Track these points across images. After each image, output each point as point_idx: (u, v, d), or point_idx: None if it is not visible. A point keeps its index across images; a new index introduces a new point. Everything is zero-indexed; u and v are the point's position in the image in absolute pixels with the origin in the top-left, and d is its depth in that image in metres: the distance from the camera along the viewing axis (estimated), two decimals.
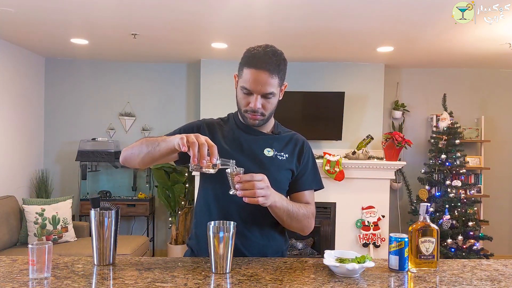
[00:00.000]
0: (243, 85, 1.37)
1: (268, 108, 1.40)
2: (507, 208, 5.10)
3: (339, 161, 4.39)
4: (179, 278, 1.15)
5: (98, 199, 1.29)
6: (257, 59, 1.34)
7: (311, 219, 1.46)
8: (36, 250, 1.13)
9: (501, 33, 3.55)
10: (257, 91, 1.35)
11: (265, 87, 1.34)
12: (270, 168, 1.41)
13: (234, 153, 1.41)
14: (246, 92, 1.37)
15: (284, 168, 1.45)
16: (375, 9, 3.07)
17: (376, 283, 1.15)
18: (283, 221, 1.39)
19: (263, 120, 1.44)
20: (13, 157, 4.36)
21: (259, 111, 1.39)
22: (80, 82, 5.01)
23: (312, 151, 1.55)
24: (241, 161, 1.39)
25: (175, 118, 5.04)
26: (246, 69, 1.36)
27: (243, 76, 1.37)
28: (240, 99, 1.42)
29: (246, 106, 1.39)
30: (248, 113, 1.40)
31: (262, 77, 1.33)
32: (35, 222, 3.78)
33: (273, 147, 1.46)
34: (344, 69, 4.82)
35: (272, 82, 1.35)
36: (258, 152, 1.44)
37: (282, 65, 1.38)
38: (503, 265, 1.34)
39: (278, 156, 1.45)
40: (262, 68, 1.33)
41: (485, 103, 5.08)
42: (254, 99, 1.36)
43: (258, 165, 1.41)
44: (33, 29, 3.75)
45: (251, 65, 1.34)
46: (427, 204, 1.30)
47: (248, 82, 1.35)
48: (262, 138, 1.47)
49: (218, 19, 3.36)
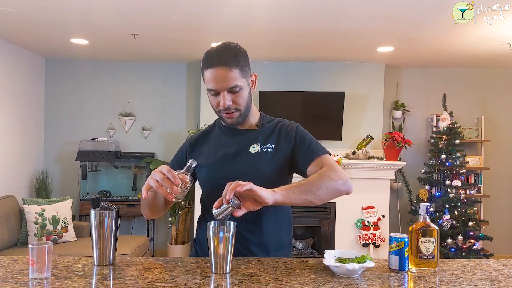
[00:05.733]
0: (208, 87, 1.37)
1: (240, 102, 1.39)
2: (507, 208, 5.10)
3: (339, 161, 4.38)
4: (179, 278, 1.15)
5: (98, 199, 1.29)
6: (211, 58, 1.35)
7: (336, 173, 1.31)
8: (36, 250, 1.13)
9: (501, 33, 3.55)
10: (221, 88, 1.35)
11: (227, 82, 1.34)
12: (258, 164, 1.40)
13: (221, 159, 1.43)
14: (213, 93, 1.37)
15: (273, 160, 1.41)
16: (375, 9, 3.07)
17: (376, 283, 1.15)
18: (308, 202, 1.26)
19: (241, 116, 1.42)
20: (13, 157, 4.36)
21: (231, 108, 1.37)
22: (80, 82, 5.01)
23: (301, 127, 1.49)
24: (227, 163, 1.41)
25: (175, 118, 5.05)
26: (205, 71, 1.36)
27: (205, 79, 1.37)
28: (211, 102, 1.41)
29: (218, 106, 1.39)
30: (223, 113, 1.40)
31: (220, 74, 1.33)
32: (35, 222, 3.78)
33: (258, 141, 1.44)
34: (344, 69, 4.82)
35: (232, 75, 1.34)
36: (244, 151, 1.43)
37: (239, 56, 1.36)
38: (503, 265, 1.34)
39: (263, 149, 1.42)
40: (217, 64, 1.33)
41: (485, 103, 5.08)
42: (222, 98, 1.36)
43: (246, 164, 1.40)
44: (33, 29, 3.75)
45: (208, 65, 1.35)
46: (427, 204, 1.30)
47: (210, 82, 1.35)
48: (247, 136, 1.46)
49: (218, 19, 3.36)
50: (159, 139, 5.06)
